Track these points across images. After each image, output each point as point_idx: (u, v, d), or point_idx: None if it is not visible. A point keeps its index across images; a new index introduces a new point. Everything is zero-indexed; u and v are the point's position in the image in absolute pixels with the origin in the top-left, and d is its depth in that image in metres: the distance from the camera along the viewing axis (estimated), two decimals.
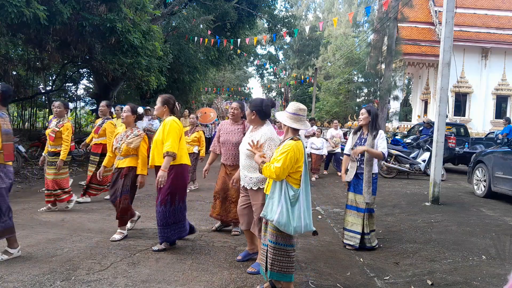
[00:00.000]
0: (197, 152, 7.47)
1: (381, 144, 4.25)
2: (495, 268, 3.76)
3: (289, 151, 2.78)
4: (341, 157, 10.56)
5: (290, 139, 2.88)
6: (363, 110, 4.43)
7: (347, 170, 4.50)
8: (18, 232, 4.41)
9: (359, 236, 4.24)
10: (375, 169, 4.34)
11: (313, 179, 9.25)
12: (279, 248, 2.89)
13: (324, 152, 9.80)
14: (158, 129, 4.03)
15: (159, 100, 4.02)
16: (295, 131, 2.96)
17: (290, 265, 2.91)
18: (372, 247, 4.27)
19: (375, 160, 4.35)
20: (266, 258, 2.95)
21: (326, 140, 10.45)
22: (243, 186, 3.54)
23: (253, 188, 3.42)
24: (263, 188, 3.18)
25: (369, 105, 4.57)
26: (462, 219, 5.60)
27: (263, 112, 3.42)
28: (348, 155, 4.47)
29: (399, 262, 3.91)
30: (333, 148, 10.18)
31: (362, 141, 4.34)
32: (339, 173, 9.17)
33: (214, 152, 4.64)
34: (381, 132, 4.34)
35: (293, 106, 2.99)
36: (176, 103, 4.11)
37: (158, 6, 13.19)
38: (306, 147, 9.03)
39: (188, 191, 6.41)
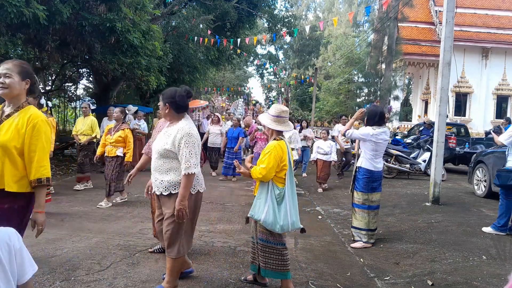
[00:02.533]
0: (121, 155, 6.02)
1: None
2: (495, 268, 3.76)
3: (272, 150, 2.90)
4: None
5: (273, 140, 3.00)
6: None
7: None
8: None
9: (375, 233, 4.54)
10: (365, 164, 4.38)
11: (320, 190, 8.01)
12: (270, 247, 2.96)
13: (333, 157, 8.26)
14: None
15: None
16: (279, 132, 3.05)
17: (284, 263, 2.95)
18: (365, 241, 4.39)
19: (364, 154, 4.44)
20: (257, 255, 3.04)
21: (333, 139, 9.42)
22: (155, 192, 2.99)
23: (163, 193, 2.84)
24: (176, 193, 2.77)
25: (373, 105, 4.71)
26: (463, 219, 5.59)
27: (177, 104, 2.92)
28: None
29: (399, 262, 3.90)
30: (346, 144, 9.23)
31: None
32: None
33: (147, 155, 3.84)
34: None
35: (276, 108, 3.07)
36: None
37: (158, 6, 13.18)
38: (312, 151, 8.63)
39: (109, 205, 5.82)
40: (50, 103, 6.38)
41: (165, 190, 2.84)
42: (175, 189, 2.81)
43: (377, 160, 4.40)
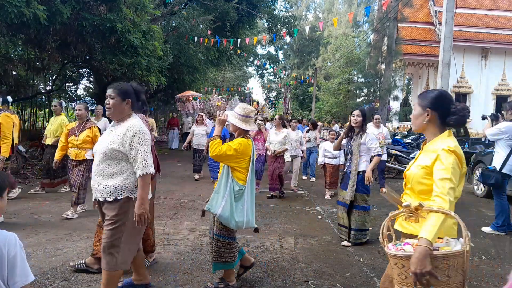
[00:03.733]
0: (91, 158, 5.03)
1: (373, 145, 4.48)
2: (495, 268, 3.77)
3: (238, 143, 2.98)
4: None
5: (242, 137, 3.08)
6: (357, 112, 4.52)
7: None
8: (18, 233, 4.41)
9: (346, 230, 4.46)
10: (365, 167, 4.46)
11: (327, 197, 7.22)
12: (223, 241, 3.02)
13: (342, 160, 7.49)
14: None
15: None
16: (246, 131, 3.12)
17: (232, 255, 3.06)
18: (358, 243, 4.42)
19: (363, 159, 4.49)
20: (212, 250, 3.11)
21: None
22: (95, 200, 2.66)
23: (107, 199, 2.55)
24: (122, 199, 2.54)
25: (362, 107, 4.73)
26: (462, 219, 5.59)
27: (138, 99, 2.76)
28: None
29: None
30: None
31: (351, 141, 4.52)
32: (384, 189, 7.03)
33: None
34: (367, 133, 4.52)
35: (244, 108, 3.13)
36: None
37: (158, 6, 13.19)
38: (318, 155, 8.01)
39: (76, 216, 5.17)
40: (10, 98, 5.99)
41: (110, 195, 2.55)
42: (121, 194, 2.54)
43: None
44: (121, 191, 2.55)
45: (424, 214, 1.71)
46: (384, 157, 7.58)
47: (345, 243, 4.44)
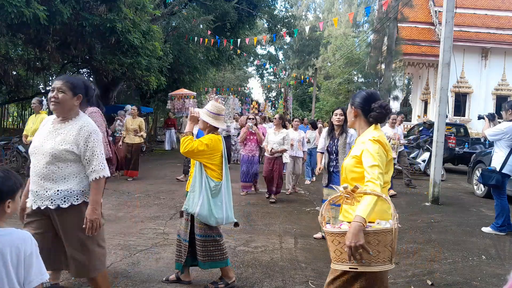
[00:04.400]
0: None
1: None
2: (495, 268, 3.77)
3: (209, 138, 3.00)
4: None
5: (212, 133, 3.09)
6: (338, 111, 4.54)
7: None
8: None
9: None
10: None
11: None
12: (209, 240, 3.00)
13: None
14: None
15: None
16: (216, 128, 3.14)
17: (222, 252, 3.04)
18: None
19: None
20: (197, 251, 3.04)
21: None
22: (37, 208, 2.31)
23: (61, 205, 2.29)
24: (79, 205, 2.33)
25: (344, 106, 4.72)
26: (462, 219, 5.61)
27: (88, 95, 2.52)
28: (322, 153, 4.81)
29: (399, 262, 3.91)
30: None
31: (335, 141, 4.53)
32: (390, 192, 6.91)
33: None
34: (351, 132, 4.48)
35: (216, 106, 3.15)
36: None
37: (158, 6, 13.20)
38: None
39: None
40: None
41: (64, 201, 2.30)
42: (77, 199, 2.33)
43: None
44: (77, 196, 2.33)
45: (359, 197, 1.86)
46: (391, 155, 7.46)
47: (318, 235, 4.60)
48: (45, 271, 1.56)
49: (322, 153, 4.78)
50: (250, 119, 7.37)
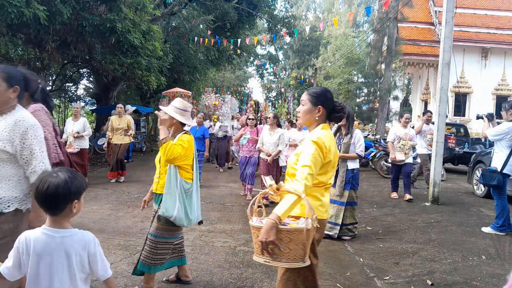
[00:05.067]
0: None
1: (358, 144, 4.70)
2: (495, 268, 3.77)
3: (186, 140, 2.90)
4: (412, 169, 8.33)
5: (184, 133, 3.00)
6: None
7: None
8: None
9: (338, 227, 4.63)
10: (356, 165, 4.73)
11: None
12: (162, 242, 2.90)
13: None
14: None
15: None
16: (182, 125, 3.05)
17: (162, 257, 2.94)
18: (350, 235, 4.63)
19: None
20: (143, 249, 2.93)
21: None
22: None
23: (4, 211, 2.02)
24: (9, 212, 2.03)
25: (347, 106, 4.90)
26: (462, 219, 5.60)
27: (28, 87, 2.27)
28: None
29: (399, 262, 3.91)
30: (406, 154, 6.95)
31: (340, 141, 4.70)
32: (392, 195, 7.12)
33: None
34: (356, 132, 4.75)
35: (182, 102, 3.07)
36: None
37: (158, 6, 13.20)
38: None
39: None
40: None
41: (7, 206, 2.03)
42: (8, 206, 2.02)
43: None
44: (8, 203, 2.02)
45: (284, 194, 1.93)
46: (410, 160, 6.97)
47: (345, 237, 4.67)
48: (107, 268, 1.65)
49: None
50: (250, 119, 7.17)
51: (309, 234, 1.84)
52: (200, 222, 3.15)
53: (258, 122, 9.45)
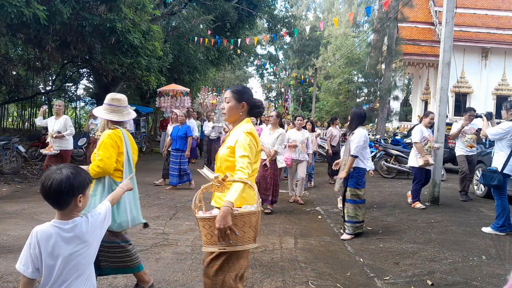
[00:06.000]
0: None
1: (352, 144, 4.75)
2: (495, 268, 3.76)
3: (106, 139, 2.69)
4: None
5: (108, 129, 2.79)
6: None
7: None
8: (18, 232, 4.42)
9: (342, 221, 4.85)
10: (361, 164, 4.78)
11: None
12: (114, 246, 2.75)
13: (370, 166, 5.87)
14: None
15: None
16: (114, 122, 2.85)
17: (131, 258, 2.82)
18: (348, 233, 4.70)
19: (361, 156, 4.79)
20: (103, 257, 2.77)
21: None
22: None
23: None
24: None
25: (358, 107, 5.06)
26: (462, 219, 5.60)
27: None
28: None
29: (399, 262, 3.91)
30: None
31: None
32: (417, 205, 6.27)
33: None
34: (355, 132, 4.78)
35: (108, 96, 2.89)
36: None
37: (158, 6, 13.20)
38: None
39: None
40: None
41: None
42: None
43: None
44: None
45: (228, 185, 2.04)
46: (432, 160, 6.17)
47: (344, 236, 4.75)
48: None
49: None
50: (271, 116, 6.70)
51: (258, 216, 2.00)
52: (145, 225, 2.93)
53: (259, 122, 9.23)
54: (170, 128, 8.02)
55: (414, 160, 6.24)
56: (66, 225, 1.60)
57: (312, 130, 8.51)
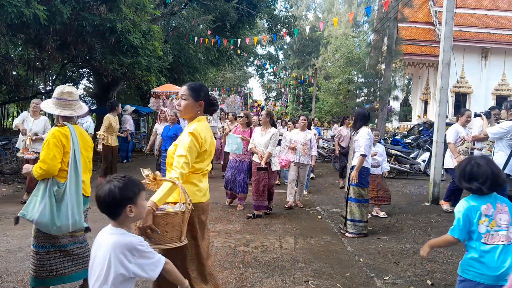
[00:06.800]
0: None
1: (357, 145, 4.78)
2: None
3: (50, 139, 2.53)
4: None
5: (54, 127, 2.62)
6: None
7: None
8: (18, 232, 4.42)
9: (343, 220, 4.88)
10: (364, 163, 4.78)
11: (383, 214, 5.78)
12: (45, 252, 2.57)
13: (385, 167, 5.93)
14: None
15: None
16: (64, 118, 2.69)
17: (45, 268, 2.57)
18: (351, 233, 4.75)
19: (356, 155, 4.82)
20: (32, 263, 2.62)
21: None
22: None
23: None
24: None
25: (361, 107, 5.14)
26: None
27: None
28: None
29: (399, 262, 3.91)
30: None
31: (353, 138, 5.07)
32: (445, 206, 6.01)
33: None
34: (359, 131, 4.81)
35: (58, 90, 2.71)
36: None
37: (158, 6, 13.20)
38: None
39: None
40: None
41: None
42: None
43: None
44: None
45: (160, 183, 2.08)
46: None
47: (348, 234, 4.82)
48: (154, 269, 1.68)
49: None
50: (240, 117, 6.46)
51: (184, 216, 2.02)
52: (87, 229, 2.71)
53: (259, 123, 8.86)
54: (158, 127, 7.89)
55: (450, 161, 5.92)
56: (113, 231, 1.65)
57: (308, 128, 7.46)
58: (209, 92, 2.51)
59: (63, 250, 2.64)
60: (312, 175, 8.72)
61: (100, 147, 7.35)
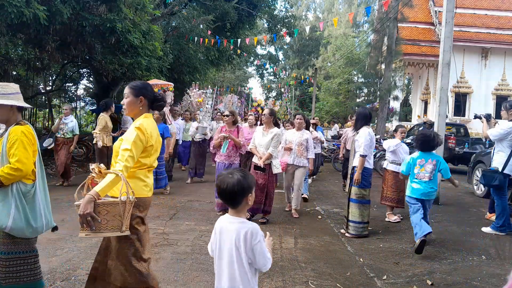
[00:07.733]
0: None
1: (357, 145, 4.79)
2: (495, 268, 3.77)
3: (20, 137, 2.38)
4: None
5: (15, 125, 2.44)
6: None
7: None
8: None
9: (345, 221, 4.89)
10: (366, 164, 4.76)
11: (395, 218, 5.57)
12: (16, 258, 2.42)
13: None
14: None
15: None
16: (12, 115, 2.49)
17: (35, 271, 2.50)
18: (352, 234, 4.76)
19: (357, 156, 4.81)
20: None
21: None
22: None
23: None
24: None
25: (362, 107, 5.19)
26: (462, 219, 5.60)
27: None
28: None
29: (399, 262, 3.91)
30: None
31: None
32: (492, 216, 5.44)
33: None
34: (360, 132, 4.80)
35: (1, 86, 2.47)
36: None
37: (158, 6, 13.19)
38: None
39: None
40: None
41: None
42: None
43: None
44: None
45: (105, 175, 2.15)
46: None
47: (342, 231, 4.92)
48: (268, 263, 1.84)
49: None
50: (226, 116, 5.93)
51: (125, 206, 2.07)
52: (55, 229, 2.63)
53: (259, 123, 8.68)
54: None
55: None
56: (234, 220, 1.87)
57: (306, 128, 6.73)
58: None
59: None
60: (309, 180, 7.96)
61: (100, 143, 7.26)
